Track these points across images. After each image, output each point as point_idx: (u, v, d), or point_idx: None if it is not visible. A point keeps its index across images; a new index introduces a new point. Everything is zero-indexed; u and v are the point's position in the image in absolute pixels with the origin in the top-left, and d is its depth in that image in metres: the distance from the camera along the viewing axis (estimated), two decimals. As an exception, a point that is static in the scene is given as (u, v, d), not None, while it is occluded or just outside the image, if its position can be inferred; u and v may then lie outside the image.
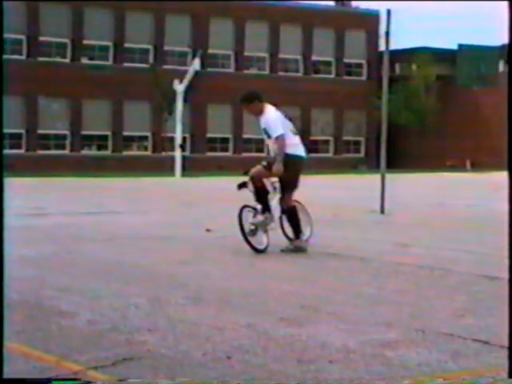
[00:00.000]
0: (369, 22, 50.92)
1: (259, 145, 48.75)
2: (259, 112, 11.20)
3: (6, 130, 41.89)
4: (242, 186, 11.36)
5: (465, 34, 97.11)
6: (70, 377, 4.95)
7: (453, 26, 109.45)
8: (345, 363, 5.31)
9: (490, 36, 77.90)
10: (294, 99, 48.78)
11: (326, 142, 51.35)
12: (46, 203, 18.43)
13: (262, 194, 11.01)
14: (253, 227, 10.80)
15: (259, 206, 10.92)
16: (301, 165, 11.14)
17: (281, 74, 49.43)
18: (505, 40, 4.70)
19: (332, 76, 51.24)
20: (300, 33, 49.79)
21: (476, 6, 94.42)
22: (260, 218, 10.86)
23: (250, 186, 11.12)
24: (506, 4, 4.74)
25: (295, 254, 10.61)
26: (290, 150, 10.86)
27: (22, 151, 42.17)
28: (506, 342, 4.93)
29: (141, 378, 4.92)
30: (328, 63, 51.15)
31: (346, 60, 51.38)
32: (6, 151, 41.60)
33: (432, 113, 49.49)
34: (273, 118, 11.01)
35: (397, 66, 51.36)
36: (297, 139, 11.18)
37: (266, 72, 49.24)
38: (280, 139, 10.76)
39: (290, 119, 11.88)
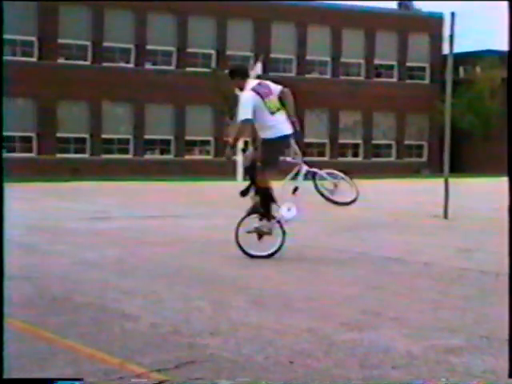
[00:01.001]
0: (432, 24, 50.45)
1: (321, 149, 48.63)
2: (241, 89, 10.86)
3: (71, 135, 42.46)
4: (244, 193, 11.18)
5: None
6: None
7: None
8: (408, 369, 5.25)
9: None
10: (355, 103, 48.57)
11: (389, 146, 50.99)
12: (109, 207, 18.64)
13: (264, 199, 10.76)
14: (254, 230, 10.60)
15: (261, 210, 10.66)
16: (279, 145, 10.82)
17: (343, 77, 49.26)
18: None
19: (394, 80, 50.88)
20: (362, 36, 49.55)
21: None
22: (259, 223, 10.66)
23: (252, 192, 10.94)
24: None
25: (356, 259, 10.55)
26: (265, 135, 10.66)
27: (86, 155, 42.72)
28: None
29: (203, 382, 4.94)
30: (390, 67, 50.81)
31: (408, 63, 50.97)
32: (72, 155, 42.19)
33: (497, 116, 48.82)
34: (243, 100, 10.56)
35: (461, 69, 50.79)
36: (275, 119, 10.61)
37: (328, 76, 49.11)
38: (243, 124, 10.58)
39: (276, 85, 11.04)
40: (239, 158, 37.34)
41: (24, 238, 12.38)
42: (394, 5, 53.10)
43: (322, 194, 11.22)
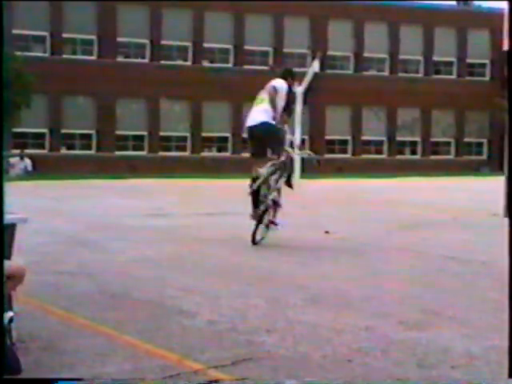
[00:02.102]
0: (492, 20, 49.78)
1: (379, 146, 48.35)
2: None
3: (129, 132, 42.87)
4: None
5: None
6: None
7: None
8: (468, 369, 5.20)
9: None
10: (414, 100, 48.15)
11: (448, 143, 50.46)
12: (167, 204, 18.77)
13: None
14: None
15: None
16: (248, 134, 11.73)
17: (401, 75, 48.87)
18: None
19: (454, 76, 50.32)
20: (421, 33, 49.10)
21: None
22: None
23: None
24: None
25: (416, 258, 10.47)
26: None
27: (144, 153, 43.06)
28: None
29: (261, 379, 4.94)
30: (449, 63, 50.27)
31: (468, 60, 50.38)
32: (130, 153, 42.58)
33: (558, 113, 47.90)
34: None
35: (521, 66, 50.01)
36: (253, 109, 11.61)
37: (386, 73, 48.78)
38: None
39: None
40: (296, 156, 37.33)
41: (84, 235, 12.53)
42: (453, 2, 52.52)
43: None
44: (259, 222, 11.53)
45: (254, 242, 11.32)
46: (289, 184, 11.85)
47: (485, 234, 13.35)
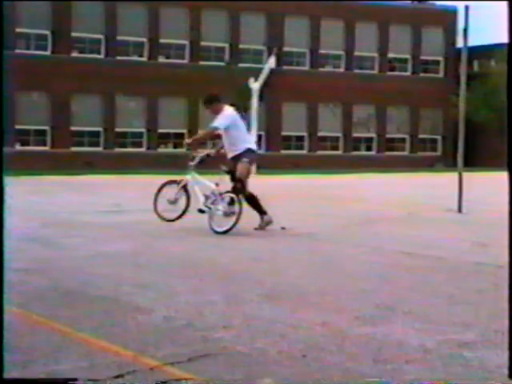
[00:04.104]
0: (446, 18, 50.28)
1: (334, 143, 48.58)
2: (218, 112, 12.89)
3: (85, 128, 42.55)
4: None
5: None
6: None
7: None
8: (422, 363, 5.25)
9: None
10: (369, 97, 48.45)
11: (402, 139, 50.86)
12: (123, 200, 18.66)
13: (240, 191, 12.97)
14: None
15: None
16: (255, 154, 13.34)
17: (356, 71, 49.14)
18: None
19: (408, 73, 50.72)
20: (376, 30, 49.40)
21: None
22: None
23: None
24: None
25: (370, 254, 10.54)
26: (249, 145, 13.05)
27: (100, 149, 42.77)
28: None
29: (217, 375, 4.94)
30: (404, 60, 50.66)
31: (422, 57, 50.80)
32: (86, 149, 42.30)
33: None
34: (226, 113, 12.85)
35: (475, 63, 50.58)
36: (251, 136, 13.69)
37: (342, 70, 49.02)
38: (210, 128, 13.13)
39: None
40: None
41: (39, 231, 12.43)
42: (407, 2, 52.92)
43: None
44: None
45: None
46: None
47: (440, 229, 13.49)
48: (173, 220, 13.17)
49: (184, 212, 13.18)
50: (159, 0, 43.38)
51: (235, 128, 12.88)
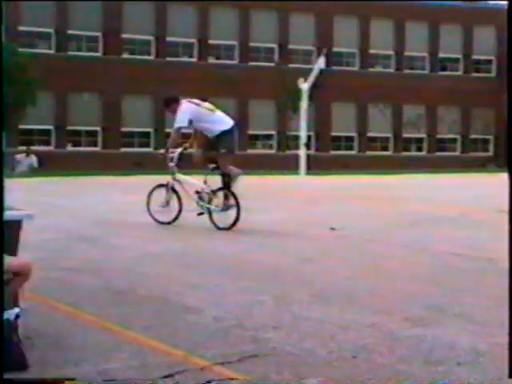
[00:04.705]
0: (498, 17, 49.70)
1: (384, 143, 48.32)
2: (175, 111, 12.98)
3: (135, 129, 42.87)
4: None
5: None
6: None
7: None
8: (474, 366, 5.19)
9: None
10: (420, 97, 48.09)
11: (454, 140, 50.40)
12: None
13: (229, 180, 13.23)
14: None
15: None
16: (234, 133, 13.31)
17: (407, 71, 48.82)
18: None
19: (460, 73, 50.25)
20: (426, 30, 49.03)
21: None
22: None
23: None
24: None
25: (420, 255, 10.46)
26: (220, 127, 12.98)
27: (150, 149, 43.07)
28: None
29: (266, 375, 4.94)
30: (455, 60, 50.20)
31: (474, 57, 50.29)
32: (136, 149, 42.60)
33: None
34: (179, 110, 12.89)
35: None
36: (218, 115, 13.13)
37: (392, 70, 48.73)
38: (174, 130, 13.08)
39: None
40: (302, 152, 37.36)
41: (90, 231, 12.55)
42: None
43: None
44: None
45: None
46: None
47: (491, 231, 13.33)
48: (169, 222, 13.31)
49: (179, 213, 13.39)
50: (209, 0, 43.51)
51: (199, 118, 12.88)
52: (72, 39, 41.95)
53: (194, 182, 13.48)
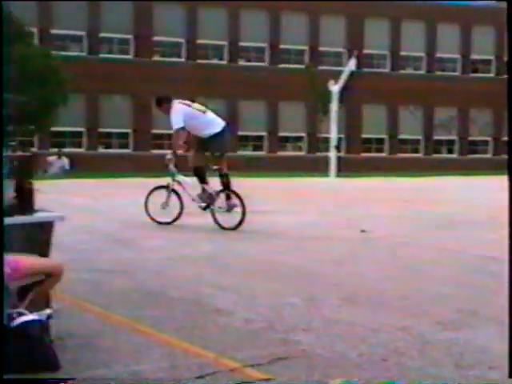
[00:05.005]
0: None
1: (415, 145, 48.10)
2: (168, 111, 13.19)
3: (165, 131, 43.02)
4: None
5: None
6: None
7: None
8: (506, 370, 5.15)
9: None
10: (451, 99, 47.84)
11: (485, 142, 50.08)
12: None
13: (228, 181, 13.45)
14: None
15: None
16: (226, 134, 13.56)
17: (438, 73, 48.59)
18: None
19: (492, 75, 49.92)
20: (458, 31, 48.78)
21: None
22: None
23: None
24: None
25: (452, 258, 10.40)
26: (212, 130, 13.13)
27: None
28: None
29: (296, 378, 4.94)
30: (487, 62, 49.88)
31: (506, 58, 49.95)
32: (166, 151, 42.78)
33: None
34: (172, 112, 13.08)
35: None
36: (210, 116, 13.31)
37: (423, 72, 48.52)
38: (175, 132, 13.04)
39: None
40: (332, 155, 37.31)
41: (121, 233, 12.61)
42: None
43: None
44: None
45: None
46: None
47: (523, 234, 13.20)
48: (169, 223, 13.48)
49: (179, 214, 13.57)
50: (239, 0, 43.56)
51: (191, 119, 13.05)
52: (104, 42, 42.21)
53: (190, 182, 13.73)
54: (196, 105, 13.51)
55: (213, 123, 13.24)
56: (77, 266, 8.55)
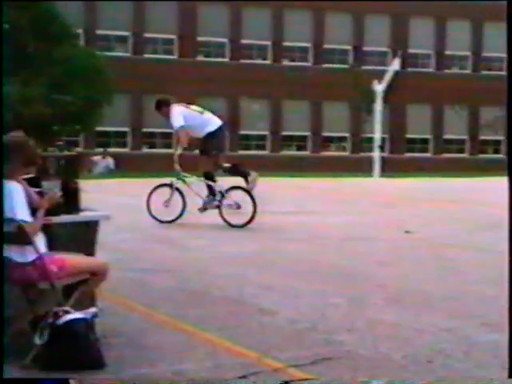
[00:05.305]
0: None
1: (460, 145, 47.69)
2: (167, 114, 13.55)
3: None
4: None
5: None
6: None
7: None
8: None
9: None
10: (497, 98, 47.28)
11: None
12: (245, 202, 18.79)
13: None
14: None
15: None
16: (222, 133, 13.80)
17: (484, 72, 48.12)
18: None
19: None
20: (504, 30, 48.26)
21: None
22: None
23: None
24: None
25: (497, 259, 10.28)
26: (208, 129, 13.46)
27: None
28: None
29: (339, 378, 4.92)
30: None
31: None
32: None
33: None
34: (173, 113, 13.42)
35: None
36: (206, 116, 13.59)
37: (469, 71, 48.10)
38: (177, 131, 13.53)
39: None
40: (376, 155, 37.13)
41: (165, 232, 12.67)
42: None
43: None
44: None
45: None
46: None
47: None
48: (170, 221, 13.62)
49: (182, 212, 13.70)
50: (283, 0, 43.51)
51: (189, 119, 13.36)
52: (148, 42, 42.45)
53: (197, 181, 13.91)
54: (193, 106, 13.88)
55: (209, 122, 13.54)
56: (121, 265, 8.61)
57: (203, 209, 13.66)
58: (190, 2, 42.17)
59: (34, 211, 5.19)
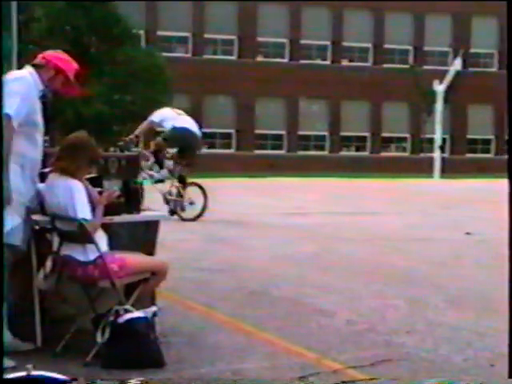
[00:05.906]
0: None
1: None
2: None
3: (268, 131, 43.20)
4: None
5: None
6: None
7: None
8: None
9: None
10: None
11: None
12: (306, 203, 18.81)
13: None
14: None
15: None
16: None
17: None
18: None
19: None
20: None
21: None
22: None
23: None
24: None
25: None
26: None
27: (283, 152, 43.31)
28: None
29: (399, 380, 4.88)
30: None
31: None
32: (269, 151, 42.93)
33: None
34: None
35: None
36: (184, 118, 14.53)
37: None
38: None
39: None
40: (436, 155, 36.79)
41: (224, 233, 12.72)
42: None
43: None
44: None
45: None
46: None
47: None
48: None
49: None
50: (344, 0, 43.33)
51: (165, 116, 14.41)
52: (208, 43, 42.65)
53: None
54: (178, 111, 14.92)
55: (181, 120, 14.39)
56: (180, 265, 8.66)
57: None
58: (250, 3, 42.25)
59: (95, 210, 5.26)
